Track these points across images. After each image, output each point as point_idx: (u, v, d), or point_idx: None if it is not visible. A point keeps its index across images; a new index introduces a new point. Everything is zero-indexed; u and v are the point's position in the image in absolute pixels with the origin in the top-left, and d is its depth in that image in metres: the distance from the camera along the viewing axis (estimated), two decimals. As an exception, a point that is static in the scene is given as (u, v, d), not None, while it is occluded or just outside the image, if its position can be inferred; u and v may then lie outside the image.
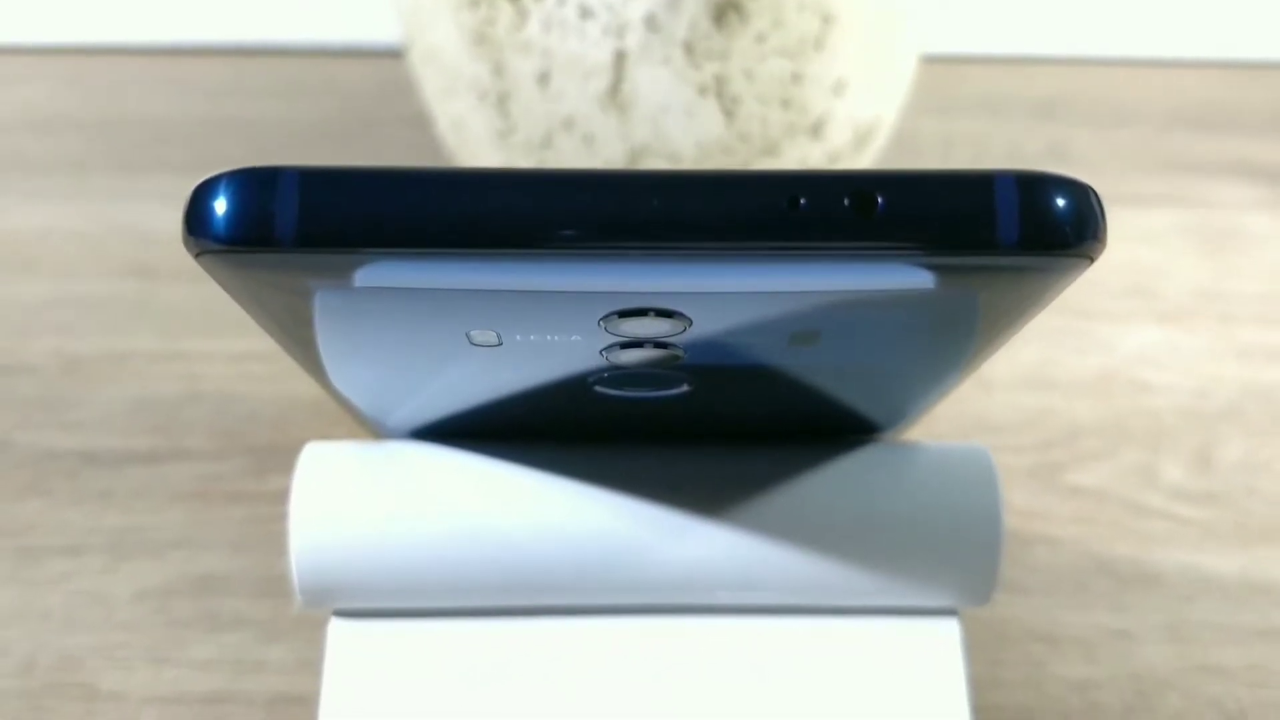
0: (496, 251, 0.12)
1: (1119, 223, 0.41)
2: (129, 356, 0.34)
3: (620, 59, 0.32)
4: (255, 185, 0.11)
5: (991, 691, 0.25)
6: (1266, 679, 0.25)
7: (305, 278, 0.12)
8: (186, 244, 0.12)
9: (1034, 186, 0.12)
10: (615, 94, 0.33)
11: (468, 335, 0.14)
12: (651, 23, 0.31)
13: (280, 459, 0.30)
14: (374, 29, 0.48)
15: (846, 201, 0.11)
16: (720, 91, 0.33)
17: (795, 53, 0.33)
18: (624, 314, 0.13)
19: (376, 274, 0.12)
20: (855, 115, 0.35)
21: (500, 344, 0.14)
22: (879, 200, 0.11)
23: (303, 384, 0.33)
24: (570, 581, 0.18)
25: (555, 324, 0.14)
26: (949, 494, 0.19)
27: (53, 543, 0.28)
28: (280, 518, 0.28)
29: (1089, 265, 0.12)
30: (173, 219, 0.39)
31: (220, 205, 0.12)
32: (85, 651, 0.25)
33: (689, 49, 0.32)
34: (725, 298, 0.13)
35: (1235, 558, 0.28)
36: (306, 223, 0.11)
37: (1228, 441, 0.32)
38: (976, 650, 0.25)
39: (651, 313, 0.13)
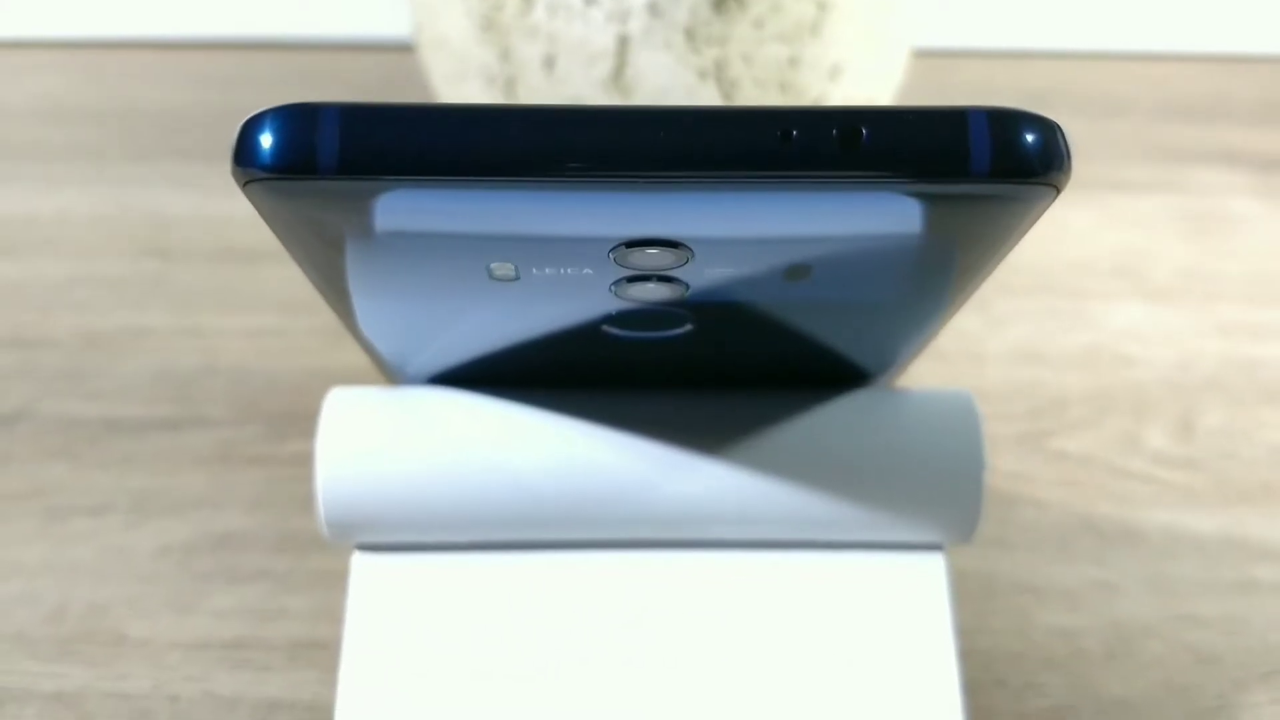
0: (514, 179, 0.13)
1: (1109, 208, 0.43)
2: (147, 331, 0.35)
3: (623, 44, 0.33)
4: (299, 119, 0.13)
5: (980, 637, 0.26)
6: (1242, 628, 0.26)
7: (342, 205, 0.13)
8: (235, 175, 0.13)
9: (1004, 121, 0.13)
10: (618, 78, 0.34)
11: (488, 269, 0.15)
12: (653, 8, 0.33)
13: (296, 425, 0.31)
14: (379, 24, 0.49)
15: (834, 133, 0.13)
16: (720, 75, 0.34)
17: (792, 38, 0.34)
18: (631, 244, 0.14)
19: (407, 202, 0.13)
20: (850, 99, 0.36)
21: (517, 278, 0.15)
22: (863, 133, 0.13)
23: (316, 357, 0.35)
24: (579, 515, 0.20)
25: (568, 256, 0.15)
26: (934, 434, 0.20)
27: (79, 502, 0.29)
28: (299, 479, 0.30)
29: (1056, 196, 0.14)
30: (187, 203, 0.41)
31: (266, 138, 0.13)
32: (112, 601, 0.27)
33: (689, 34, 0.33)
34: (724, 227, 0.14)
35: (1214, 517, 0.29)
36: (346, 151, 0.13)
37: (1209, 410, 0.33)
38: (965, 600, 0.26)
39: (657, 244, 0.14)
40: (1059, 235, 0.41)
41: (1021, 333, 0.36)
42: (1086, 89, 0.50)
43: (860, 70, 0.36)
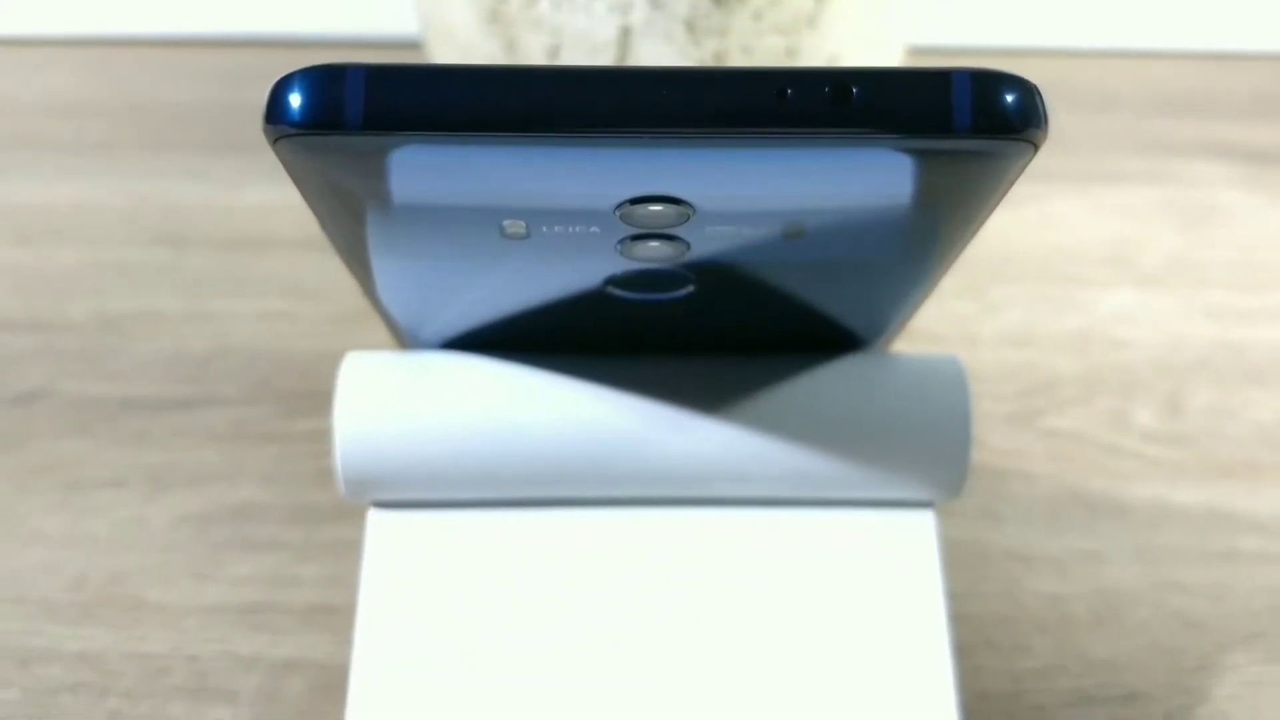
0: (526, 134, 0.14)
1: (1101, 199, 0.44)
2: (161, 315, 0.36)
3: (625, 35, 0.34)
4: (326, 78, 0.14)
5: (971, 602, 0.27)
6: (1226, 594, 0.27)
7: (366, 161, 0.14)
8: (266, 132, 0.14)
9: (986, 81, 0.14)
10: (621, 68, 0.35)
11: (500, 227, 0.16)
12: (655, 1, 0.34)
13: (308, 404, 0.32)
14: (386, 21, 0.50)
15: (827, 91, 0.14)
16: (719, 66, 0.35)
17: (790, 29, 0.35)
18: (636, 201, 0.15)
19: (426, 157, 0.14)
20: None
21: (528, 236, 0.16)
22: (854, 91, 0.14)
23: (325, 340, 0.35)
24: (586, 473, 0.20)
25: (576, 213, 0.16)
26: (924, 396, 0.21)
27: (98, 476, 0.30)
28: (311, 454, 0.31)
29: (1034, 153, 0.14)
30: (197, 192, 0.42)
31: (295, 97, 0.14)
32: (131, 569, 0.27)
33: (690, 26, 0.34)
34: (724, 184, 0.15)
35: (1201, 491, 0.30)
36: (371, 108, 0.13)
37: (1196, 390, 0.34)
38: (957, 568, 0.27)
39: (660, 200, 0.15)
40: (1052, 225, 0.42)
41: (1014, 317, 0.37)
42: (1080, 85, 0.51)
43: (857, 62, 0.37)
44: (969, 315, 0.37)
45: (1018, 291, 0.38)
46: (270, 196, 0.42)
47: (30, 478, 0.30)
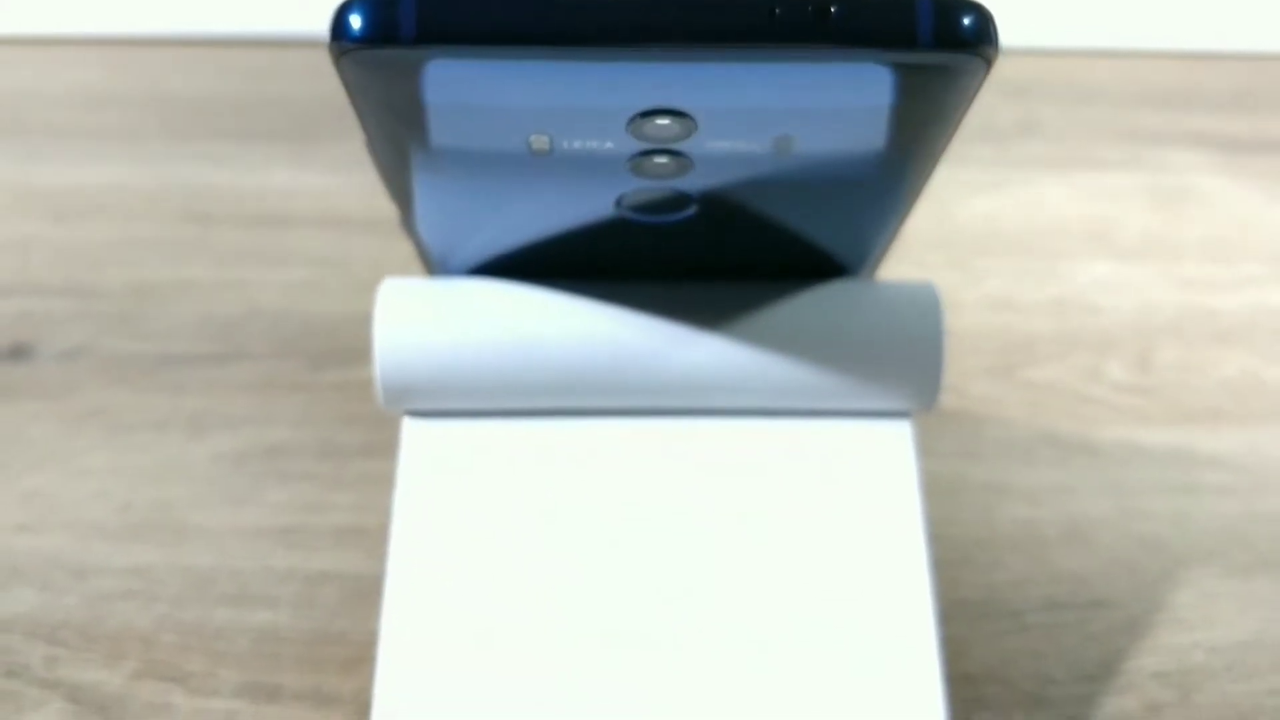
0: (553, 48, 0.16)
1: (1082, 183, 0.46)
2: (192, 283, 0.38)
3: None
4: (382, 1, 0.16)
5: (950, 527, 0.29)
6: (1187, 520, 0.30)
7: (416, 75, 0.17)
8: (330, 49, 0.16)
9: (946, 4, 0.16)
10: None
11: (528, 142, 0.18)
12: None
13: (334, 359, 0.35)
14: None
15: (810, 9, 0.16)
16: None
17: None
18: (646, 114, 0.17)
19: (467, 71, 0.16)
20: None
21: (551, 152, 0.19)
22: (832, 10, 0.16)
23: (349, 304, 0.38)
24: (598, 384, 0.23)
25: (593, 126, 0.18)
26: (902, 316, 0.23)
27: (140, 420, 0.32)
28: (338, 401, 0.33)
29: (988, 70, 0.17)
30: (221, 176, 0.44)
31: (356, 18, 0.16)
32: (174, 497, 0.30)
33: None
34: (722, 96, 0.17)
35: (1167, 433, 0.33)
36: (422, 23, 0.16)
37: (1166, 349, 0.36)
38: (937, 498, 0.29)
39: (667, 113, 0.17)
40: (1035, 207, 0.44)
41: (997, 286, 0.39)
42: (1064, 80, 0.54)
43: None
44: (954, 284, 0.39)
45: (1001, 264, 0.40)
46: (291, 181, 0.44)
47: (77, 421, 0.32)
